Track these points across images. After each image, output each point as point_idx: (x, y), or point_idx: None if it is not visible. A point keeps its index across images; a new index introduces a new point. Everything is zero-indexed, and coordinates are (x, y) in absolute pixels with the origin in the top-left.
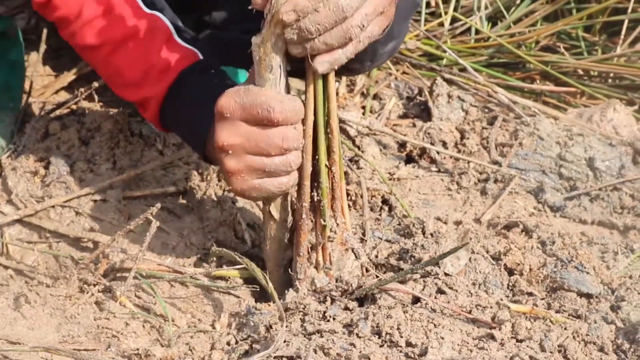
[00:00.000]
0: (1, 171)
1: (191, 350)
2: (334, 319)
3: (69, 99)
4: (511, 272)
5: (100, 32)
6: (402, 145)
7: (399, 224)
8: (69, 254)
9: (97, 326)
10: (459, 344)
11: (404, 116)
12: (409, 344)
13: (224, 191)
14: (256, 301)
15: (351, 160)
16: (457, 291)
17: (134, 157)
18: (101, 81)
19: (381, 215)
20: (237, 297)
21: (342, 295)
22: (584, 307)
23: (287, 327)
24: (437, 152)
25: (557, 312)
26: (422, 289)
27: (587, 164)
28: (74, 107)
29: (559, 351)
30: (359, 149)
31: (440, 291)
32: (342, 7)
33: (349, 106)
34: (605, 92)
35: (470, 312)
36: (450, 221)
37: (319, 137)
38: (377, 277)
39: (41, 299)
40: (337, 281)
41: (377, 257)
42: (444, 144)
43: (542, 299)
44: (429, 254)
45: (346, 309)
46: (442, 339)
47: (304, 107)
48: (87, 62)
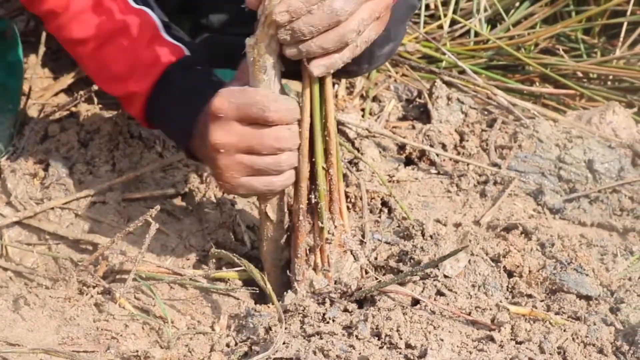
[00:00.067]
0: (0, 173)
1: (190, 351)
2: (333, 320)
3: (68, 101)
4: (510, 274)
5: (87, 26)
6: (401, 147)
7: (399, 226)
8: (68, 256)
9: (97, 328)
10: (458, 346)
11: (404, 118)
12: (408, 346)
13: (223, 193)
14: (255, 303)
15: (350, 162)
16: (456, 293)
17: (134, 159)
18: None
19: (381, 217)
20: (237, 298)
21: (342, 297)
22: (583, 309)
23: (286, 328)
24: (437, 154)
25: (557, 314)
26: (422, 291)
27: (586, 166)
28: (73, 110)
29: (559, 353)
30: (359, 151)
31: (439, 293)
32: (336, 10)
33: (349, 108)
34: (604, 94)
35: (469, 313)
36: (449, 223)
37: (316, 139)
38: (376, 279)
39: (40, 300)
40: (336, 283)
41: (376, 259)
42: (444, 146)
43: (542, 300)
44: (429, 256)
45: (345, 310)
46: (442, 340)
47: (301, 109)
48: (73, 56)
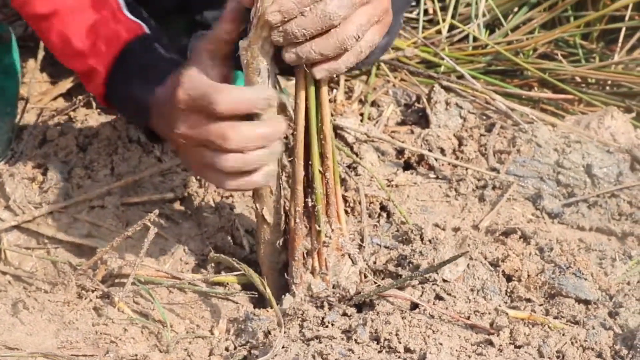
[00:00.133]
0: None
1: (189, 355)
2: (332, 324)
3: (67, 106)
4: (509, 279)
5: (50, 1)
6: (400, 152)
7: (397, 231)
8: (67, 260)
9: (96, 332)
10: (457, 350)
11: (402, 123)
12: (407, 350)
13: (222, 197)
14: (254, 307)
15: (349, 166)
16: (455, 297)
17: (132, 163)
18: None
19: (379, 221)
20: (236, 302)
21: (340, 301)
22: (582, 313)
23: (285, 332)
24: (435, 159)
25: (556, 318)
26: (421, 295)
27: (584, 170)
28: (71, 114)
29: (557, 357)
30: (357, 155)
31: (438, 297)
32: (329, 14)
33: (347, 113)
34: (602, 99)
35: (468, 318)
36: (448, 228)
37: (312, 142)
38: (375, 283)
39: (39, 304)
40: (334, 287)
41: (375, 263)
42: (442, 151)
43: (541, 305)
44: (427, 260)
45: (344, 314)
46: (441, 344)
47: (295, 112)
48: (37, 33)
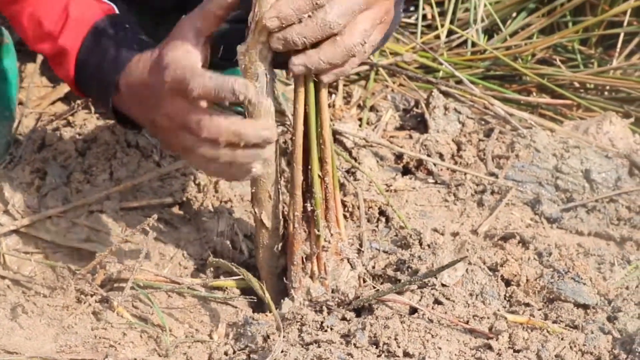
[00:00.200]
0: None
1: None
2: (331, 329)
3: (66, 110)
4: (508, 283)
5: None
6: (398, 157)
7: (396, 235)
8: (66, 264)
9: (95, 336)
10: (456, 354)
11: (401, 128)
12: (406, 354)
13: (221, 202)
14: (253, 311)
15: (348, 171)
16: (454, 302)
17: (131, 168)
18: None
19: (378, 226)
20: (235, 307)
21: (339, 305)
22: (581, 318)
23: (284, 337)
24: (434, 164)
25: (554, 322)
26: (420, 300)
27: (583, 175)
28: (70, 118)
29: None
30: (356, 160)
31: (437, 302)
32: (329, 23)
33: (346, 118)
34: (601, 104)
35: (467, 322)
36: (447, 232)
37: (311, 147)
38: (374, 287)
39: (38, 309)
40: (333, 291)
41: (374, 268)
42: (441, 156)
43: (539, 309)
44: (426, 265)
45: (343, 319)
46: (440, 349)
47: (293, 117)
48: (8, 18)
